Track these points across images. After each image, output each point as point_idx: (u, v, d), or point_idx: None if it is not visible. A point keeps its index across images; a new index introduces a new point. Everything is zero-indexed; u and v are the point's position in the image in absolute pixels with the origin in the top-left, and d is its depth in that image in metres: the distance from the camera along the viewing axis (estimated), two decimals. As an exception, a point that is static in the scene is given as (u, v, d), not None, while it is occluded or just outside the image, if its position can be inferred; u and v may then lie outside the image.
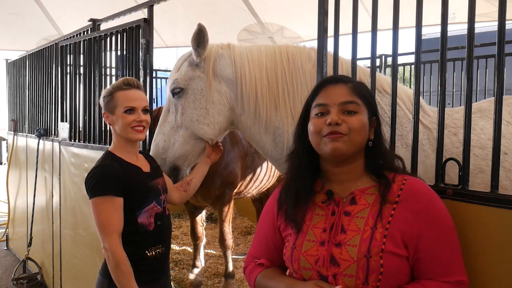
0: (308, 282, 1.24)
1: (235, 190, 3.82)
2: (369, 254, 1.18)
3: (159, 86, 8.44)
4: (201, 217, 4.12)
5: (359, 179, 1.32)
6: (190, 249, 4.83)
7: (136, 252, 1.91)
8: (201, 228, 4.10)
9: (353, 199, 1.29)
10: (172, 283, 3.85)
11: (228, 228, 3.80)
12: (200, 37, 2.02)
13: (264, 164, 3.93)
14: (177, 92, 2.08)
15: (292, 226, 1.34)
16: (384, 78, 2.06)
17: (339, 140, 1.25)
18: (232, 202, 3.82)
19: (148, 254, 1.94)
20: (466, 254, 1.29)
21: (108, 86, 2.04)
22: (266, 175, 4.04)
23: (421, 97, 1.79)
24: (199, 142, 2.14)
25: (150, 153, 2.17)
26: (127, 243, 1.88)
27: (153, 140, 2.19)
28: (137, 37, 2.79)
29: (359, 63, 1.85)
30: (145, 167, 2.03)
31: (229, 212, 3.74)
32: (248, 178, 3.88)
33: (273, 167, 4.03)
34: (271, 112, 2.02)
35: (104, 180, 1.86)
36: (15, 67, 5.65)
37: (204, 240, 4.18)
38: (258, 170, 3.93)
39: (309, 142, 1.35)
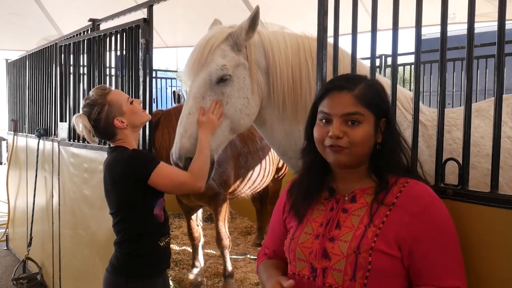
0: (274, 277, 1.33)
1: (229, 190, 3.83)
2: (358, 250, 1.21)
3: (159, 86, 8.42)
4: (196, 217, 4.12)
5: (363, 179, 1.35)
6: (190, 249, 4.82)
7: (152, 244, 2.04)
8: (197, 228, 4.10)
9: (354, 197, 1.32)
10: (172, 283, 3.87)
11: (224, 228, 3.80)
12: (257, 19, 1.85)
13: (258, 165, 3.96)
14: (226, 80, 1.87)
15: (295, 219, 1.39)
16: (382, 80, 2.04)
17: (341, 153, 1.27)
18: (227, 201, 3.83)
19: (161, 244, 2.06)
20: (465, 255, 1.29)
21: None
22: (259, 176, 4.05)
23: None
24: (231, 134, 1.99)
25: (181, 147, 1.90)
26: (145, 235, 2.02)
27: (184, 131, 1.89)
28: (137, 37, 2.79)
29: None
30: None
31: (222, 211, 3.74)
32: (241, 178, 3.89)
33: (267, 168, 4.09)
34: (294, 111, 1.94)
35: (147, 155, 2.06)
36: (15, 67, 5.65)
37: (202, 240, 4.18)
38: (252, 170, 3.94)
39: None
